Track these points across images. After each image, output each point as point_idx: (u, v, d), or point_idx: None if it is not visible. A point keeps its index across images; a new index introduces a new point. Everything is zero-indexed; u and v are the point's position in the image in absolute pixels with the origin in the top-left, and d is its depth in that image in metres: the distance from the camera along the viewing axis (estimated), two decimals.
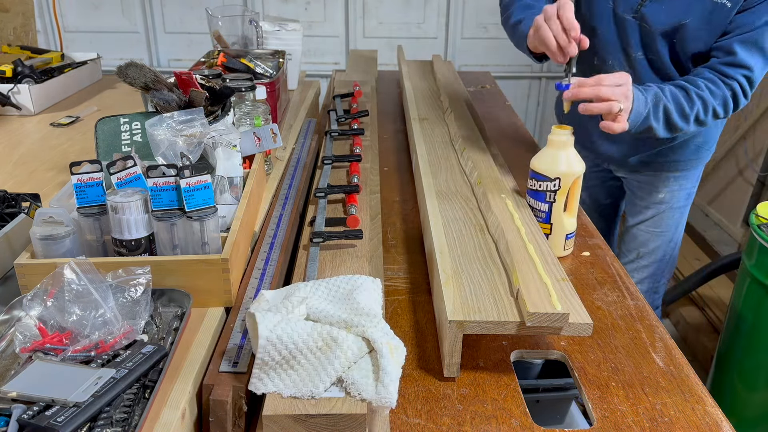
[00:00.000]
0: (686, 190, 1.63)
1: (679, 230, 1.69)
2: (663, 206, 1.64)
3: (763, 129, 2.93)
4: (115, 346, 0.78)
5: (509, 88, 3.41)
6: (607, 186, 1.81)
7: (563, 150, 1.14)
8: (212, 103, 1.18)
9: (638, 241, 1.71)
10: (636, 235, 1.71)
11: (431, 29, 3.53)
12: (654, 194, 1.64)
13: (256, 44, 1.90)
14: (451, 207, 1.21)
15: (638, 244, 1.72)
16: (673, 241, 1.69)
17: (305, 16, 3.49)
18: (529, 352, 0.97)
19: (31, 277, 0.88)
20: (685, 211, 1.68)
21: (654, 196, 1.64)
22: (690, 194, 1.65)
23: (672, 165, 1.59)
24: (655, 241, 1.68)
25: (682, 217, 1.67)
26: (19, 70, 1.92)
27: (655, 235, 1.68)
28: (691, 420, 0.82)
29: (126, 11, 3.52)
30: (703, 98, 1.27)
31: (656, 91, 1.26)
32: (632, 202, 1.71)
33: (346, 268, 1.02)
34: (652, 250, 1.70)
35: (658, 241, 1.68)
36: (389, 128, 1.93)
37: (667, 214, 1.65)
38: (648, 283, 1.75)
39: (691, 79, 1.31)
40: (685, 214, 1.68)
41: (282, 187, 1.34)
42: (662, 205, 1.64)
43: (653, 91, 1.26)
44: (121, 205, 0.89)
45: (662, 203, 1.64)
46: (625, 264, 1.76)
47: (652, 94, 1.26)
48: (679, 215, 1.66)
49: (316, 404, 0.72)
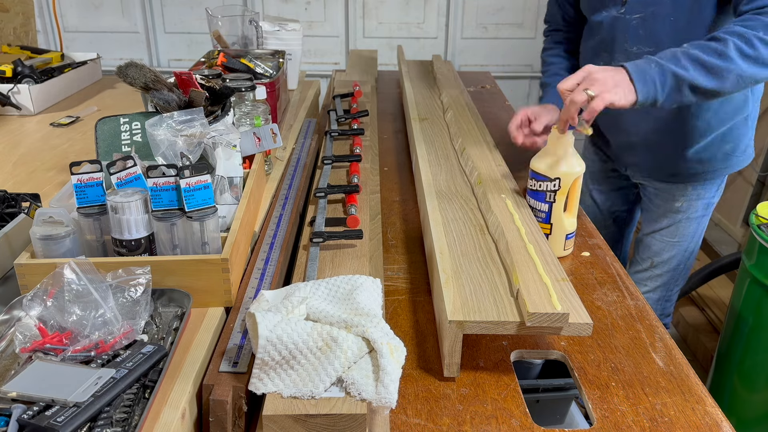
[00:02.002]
0: (705, 200, 1.54)
1: (695, 240, 1.61)
2: (679, 216, 1.57)
3: (763, 129, 2.93)
4: (115, 346, 0.78)
5: (509, 88, 3.41)
6: (624, 192, 1.76)
7: (563, 150, 1.14)
8: (212, 103, 1.18)
9: (652, 250, 1.66)
10: (650, 244, 1.66)
11: (431, 29, 3.53)
12: (671, 203, 1.56)
13: (256, 44, 1.90)
14: (451, 207, 1.21)
15: (652, 253, 1.66)
16: (688, 251, 1.63)
17: (305, 16, 3.49)
18: (529, 352, 0.97)
19: (31, 277, 0.88)
20: (703, 222, 1.59)
21: (671, 204, 1.56)
22: (709, 204, 1.56)
23: (694, 175, 1.49)
24: (669, 251, 1.62)
25: (699, 227, 1.59)
26: (19, 70, 1.92)
27: (671, 245, 1.61)
28: (691, 420, 0.82)
29: (126, 11, 3.52)
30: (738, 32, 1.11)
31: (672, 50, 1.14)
32: (648, 209, 1.65)
33: (346, 268, 1.02)
34: (666, 259, 1.64)
35: (673, 251, 1.62)
36: (389, 128, 1.93)
37: (683, 224, 1.57)
38: (660, 292, 1.70)
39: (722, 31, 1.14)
40: (703, 224, 1.60)
41: (282, 187, 1.34)
42: (678, 215, 1.57)
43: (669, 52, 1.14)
44: (121, 205, 0.89)
45: (678, 212, 1.56)
46: (639, 272, 1.72)
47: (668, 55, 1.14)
48: (696, 225, 1.58)
49: (316, 404, 0.72)
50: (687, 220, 1.57)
